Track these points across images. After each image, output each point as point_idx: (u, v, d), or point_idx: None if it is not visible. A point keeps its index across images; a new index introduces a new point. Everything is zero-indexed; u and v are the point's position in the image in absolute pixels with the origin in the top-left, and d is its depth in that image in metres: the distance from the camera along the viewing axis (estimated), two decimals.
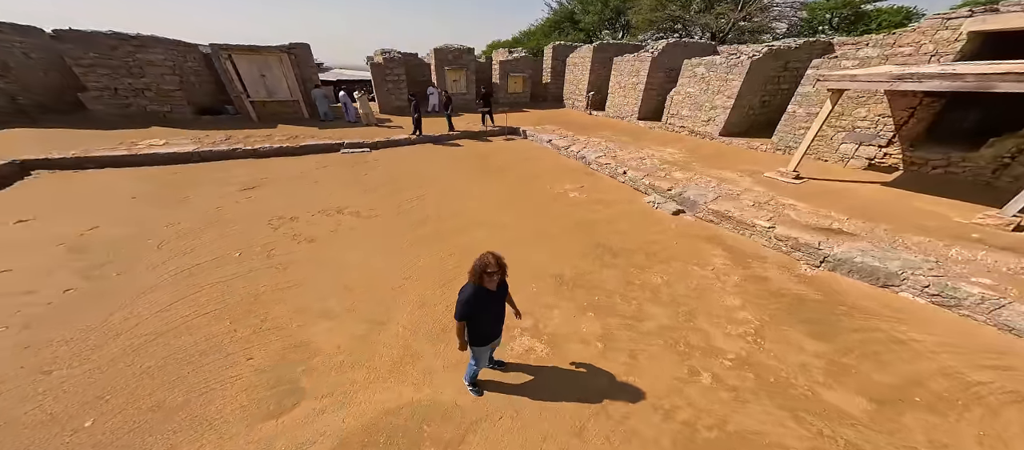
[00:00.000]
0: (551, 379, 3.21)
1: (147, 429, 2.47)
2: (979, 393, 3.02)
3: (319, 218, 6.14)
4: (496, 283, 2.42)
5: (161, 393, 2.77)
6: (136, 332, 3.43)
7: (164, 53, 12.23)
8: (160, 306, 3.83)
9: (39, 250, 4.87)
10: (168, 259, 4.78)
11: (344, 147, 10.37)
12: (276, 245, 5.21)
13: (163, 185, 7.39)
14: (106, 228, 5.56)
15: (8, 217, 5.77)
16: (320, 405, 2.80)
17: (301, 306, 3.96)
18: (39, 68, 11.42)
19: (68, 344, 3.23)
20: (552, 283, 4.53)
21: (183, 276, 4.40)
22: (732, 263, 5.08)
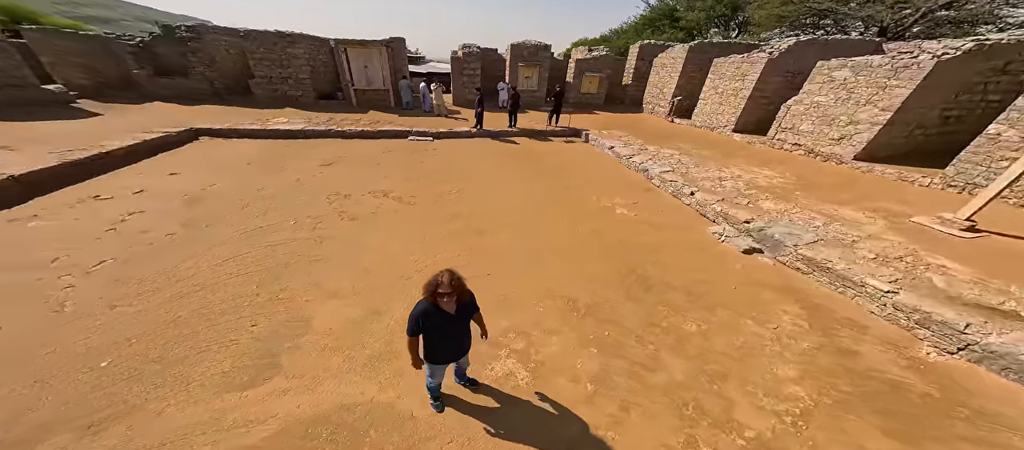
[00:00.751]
0: (520, 414, 2.66)
1: (139, 379, 2.61)
2: None
3: (367, 198, 6.29)
4: (454, 306, 2.06)
5: (171, 346, 2.93)
6: (189, 282, 3.77)
7: (305, 47, 13.87)
8: (217, 261, 4.19)
9: (170, 198, 5.80)
10: (245, 219, 5.28)
11: (411, 135, 10.66)
12: (323, 219, 5.42)
13: (272, 155, 8.37)
14: (220, 186, 6.41)
15: (168, 169, 7.03)
16: (287, 385, 2.68)
17: (319, 281, 3.98)
18: (230, 60, 13.90)
19: (139, 284, 3.68)
20: (562, 306, 3.85)
21: (246, 237, 4.79)
22: (808, 325, 3.74)
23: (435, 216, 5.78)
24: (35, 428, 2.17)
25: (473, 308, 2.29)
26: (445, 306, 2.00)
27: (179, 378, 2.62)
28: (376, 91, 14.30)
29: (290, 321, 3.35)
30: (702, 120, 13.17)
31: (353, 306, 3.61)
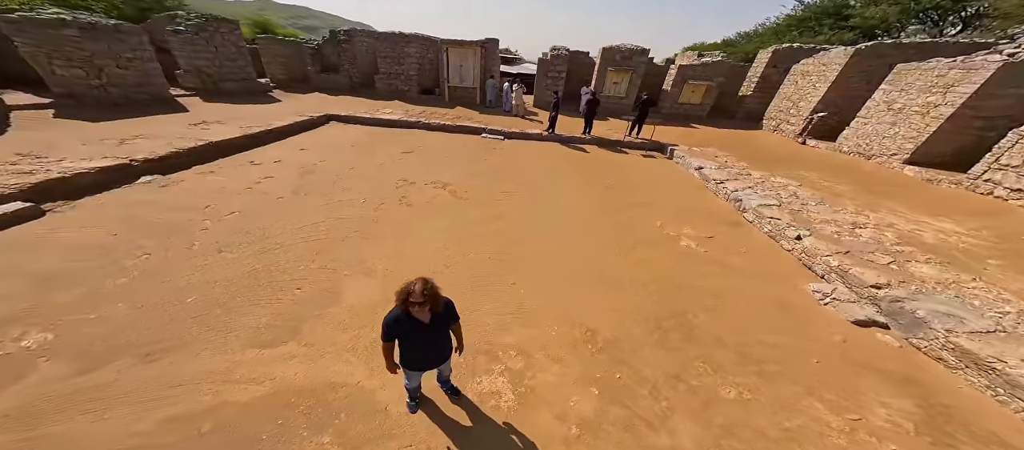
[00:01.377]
0: (490, 437, 2.37)
1: (201, 320, 3.07)
2: None
3: (427, 188, 6.50)
4: (428, 315, 1.91)
5: (237, 295, 3.42)
6: (272, 240, 4.40)
7: (417, 47, 15.18)
8: (297, 225, 4.80)
9: (293, 169, 6.92)
10: (333, 193, 5.97)
11: (485, 132, 10.71)
12: (386, 202, 5.78)
13: (371, 140, 9.39)
14: (327, 163, 7.42)
15: (301, 146, 8.44)
16: (295, 352, 2.86)
17: (362, 258, 4.21)
18: (366, 59, 16.17)
19: (244, 236, 4.43)
20: (578, 334, 3.32)
21: (327, 208, 5.40)
22: (913, 429, 2.54)
23: (480, 215, 5.64)
24: (113, 348, 2.72)
25: (451, 317, 2.11)
26: (418, 315, 1.85)
27: (226, 326, 3.02)
28: (466, 89, 14.87)
29: (325, 291, 3.60)
30: (854, 144, 9.74)
31: (378, 288, 3.72)
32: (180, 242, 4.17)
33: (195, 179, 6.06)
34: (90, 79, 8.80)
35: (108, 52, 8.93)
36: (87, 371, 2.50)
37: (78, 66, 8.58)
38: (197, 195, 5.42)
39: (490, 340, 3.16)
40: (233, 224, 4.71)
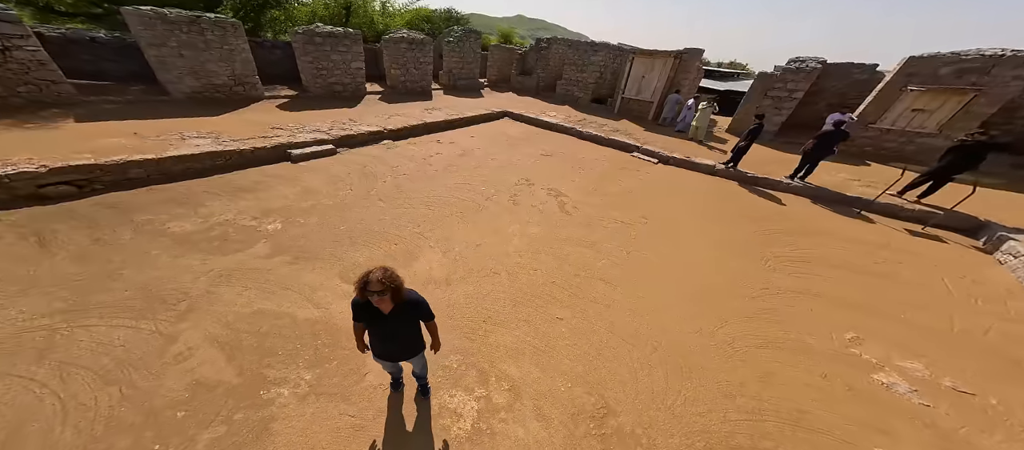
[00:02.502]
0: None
1: (333, 246, 4.50)
2: None
3: (541, 193, 6.62)
4: (388, 305, 1.92)
5: (361, 236, 4.74)
6: (408, 200, 5.76)
7: (603, 56, 15.36)
8: (429, 195, 6.04)
9: (455, 149, 8.65)
10: (467, 175, 7.06)
11: (638, 151, 9.57)
12: (497, 195, 6.33)
13: (526, 137, 10.41)
14: (480, 151, 8.81)
15: (472, 134, 10.39)
16: (344, 291, 3.65)
17: (448, 237, 4.87)
18: (556, 65, 17.88)
19: (397, 191, 6.04)
20: (587, 405, 2.75)
21: (456, 186, 6.48)
22: None
23: (575, 236, 5.28)
24: (289, 247, 4.34)
25: (421, 313, 2.13)
26: (378, 304, 1.88)
27: (338, 256, 4.25)
28: (639, 102, 13.71)
29: (407, 253, 4.44)
30: None
31: (438, 267, 4.22)
32: (367, 187, 6.12)
33: (405, 146, 8.57)
34: (402, 77, 13.82)
35: (415, 59, 13.71)
36: (269, 256, 4.16)
37: (399, 68, 13.61)
38: (397, 158, 7.69)
39: (494, 361, 3.05)
40: (396, 182, 6.45)
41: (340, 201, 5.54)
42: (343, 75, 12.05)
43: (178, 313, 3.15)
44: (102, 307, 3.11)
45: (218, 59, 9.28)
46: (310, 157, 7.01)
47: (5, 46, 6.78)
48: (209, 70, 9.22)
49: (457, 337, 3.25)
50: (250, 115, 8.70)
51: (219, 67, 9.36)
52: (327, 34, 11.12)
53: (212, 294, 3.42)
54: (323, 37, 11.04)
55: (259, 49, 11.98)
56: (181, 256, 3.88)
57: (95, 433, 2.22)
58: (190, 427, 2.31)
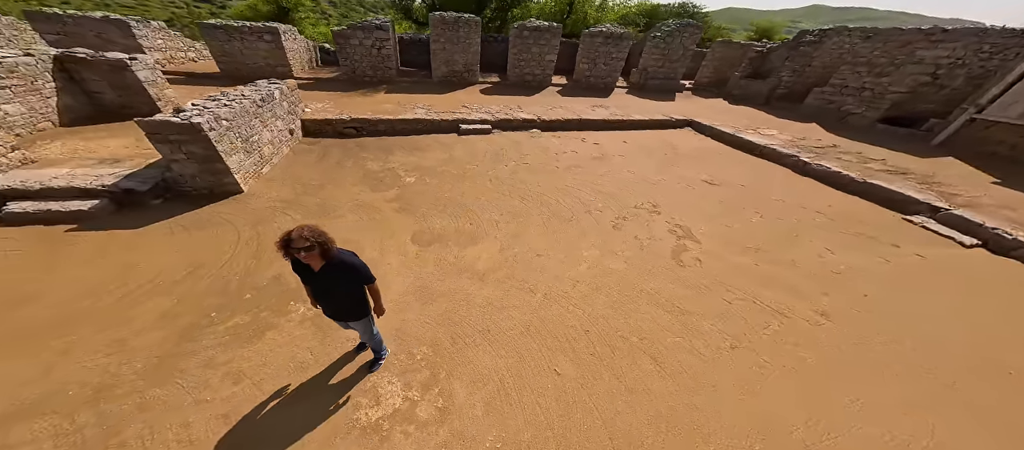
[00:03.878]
0: (305, 418, 2.44)
1: (439, 207, 5.20)
2: None
3: (661, 227, 5.14)
4: (318, 262, 1.91)
5: (462, 206, 5.28)
6: (518, 190, 5.88)
7: (945, 50, 9.78)
8: (538, 190, 5.91)
9: (593, 153, 7.99)
10: (597, 180, 6.38)
11: (929, 215, 5.29)
12: (605, 211, 5.41)
13: (700, 155, 8.26)
14: (622, 160, 7.75)
15: (625, 139, 9.24)
16: (408, 255, 4.17)
17: (519, 234, 4.62)
18: (818, 68, 12.93)
19: (511, 176, 6.31)
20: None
21: (567, 190, 6.02)
22: None
23: (666, 294, 3.77)
24: (410, 204, 5.35)
25: (356, 277, 2.09)
26: (306, 260, 1.85)
27: (423, 217, 4.87)
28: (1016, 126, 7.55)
29: (470, 235, 4.55)
30: None
31: (488, 261, 4.11)
32: (490, 167, 6.72)
33: (547, 138, 8.76)
34: (587, 71, 14.01)
35: (606, 54, 13.56)
36: (391, 200, 5.32)
37: (587, 62, 13.89)
38: (534, 147, 7.98)
39: (452, 374, 2.75)
40: (514, 169, 6.67)
41: (462, 172, 6.37)
42: (536, 66, 13.33)
43: (314, 219, 4.70)
44: (336, 182, 5.10)
45: (460, 51, 12.37)
46: (471, 133, 8.37)
47: (379, 45, 11.77)
48: (454, 60, 12.50)
49: (444, 332, 3.13)
50: (459, 95, 11.25)
51: (459, 57, 12.49)
52: (533, 28, 12.49)
53: (339, 215, 4.84)
54: (529, 31, 12.49)
55: (486, 43, 14.92)
56: (356, 185, 5.69)
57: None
58: (219, 319, 3.46)
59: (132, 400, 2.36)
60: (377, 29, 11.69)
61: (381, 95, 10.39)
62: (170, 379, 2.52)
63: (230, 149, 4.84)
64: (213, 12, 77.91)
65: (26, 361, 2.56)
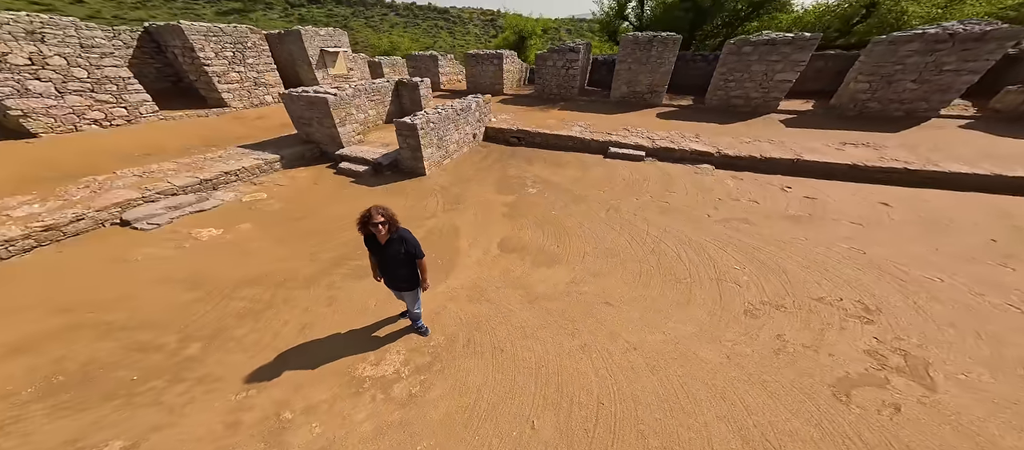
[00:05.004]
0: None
1: (541, 225, 5.29)
2: None
3: (893, 354, 2.95)
4: (385, 235, 2.40)
5: (567, 234, 5.17)
6: (632, 233, 5.13)
7: None
8: (677, 236, 4.92)
9: (786, 205, 5.58)
10: (786, 247, 4.64)
11: None
12: (786, 300, 3.79)
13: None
14: (879, 245, 4.91)
15: (877, 200, 5.66)
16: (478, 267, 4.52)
17: (615, 307, 4.05)
18: None
19: (635, 211, 5.48)
20: None
21: (724, 244, 4.65)
22: None
23: (796, 432, 2.28)
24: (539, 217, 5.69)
25: (410, 250, 2.52)
26: (376, 233, 2.34)
27: (531, 227, 5.07)
28: None
29: (545, 264, 4.41)
30: None
31: (562, 284, 3.89)
32: (617, 196, 6.14)
33: (725, 177, 6.92)
34: (866, 93, 9.47)
35: (927, 66, 8.57)
36: (507, 204, 5.84)
37: (872, 80, 9.28)
38: (693, 185, 6.53)
39: (443, 371, 2.94)
40: (644, 207, 5.75)
41: (582, 195, 6.14)
42: (753, 88, 10.35)
43: (449, 204, 5.89)
44: (479, 180, 6.55)
45: (647, 71, 11.56)
46: (620, 157, 7.76)
47: (567, 66, 13.07)
48: (637, 80, 11.85)
49: (465, 333, 3.31)
50: (629, 117, 10.55)
51: (643, 77, 11.70)
52: (763, 43, 9.75)
53: (464, 207, 5.84)
54: (754, 46, 9.83)
55: (685, 62, 13.29)
56: (490, 186, 6.68)
57: None
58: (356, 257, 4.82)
59: (296, 286, 4.02)
60: (569, 51, 12.74)
61: (554, 111, 11.28)
62: (313, 283, 4.03)
63: (427, 143, 6.90)
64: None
65: (293, 248, 4.87)
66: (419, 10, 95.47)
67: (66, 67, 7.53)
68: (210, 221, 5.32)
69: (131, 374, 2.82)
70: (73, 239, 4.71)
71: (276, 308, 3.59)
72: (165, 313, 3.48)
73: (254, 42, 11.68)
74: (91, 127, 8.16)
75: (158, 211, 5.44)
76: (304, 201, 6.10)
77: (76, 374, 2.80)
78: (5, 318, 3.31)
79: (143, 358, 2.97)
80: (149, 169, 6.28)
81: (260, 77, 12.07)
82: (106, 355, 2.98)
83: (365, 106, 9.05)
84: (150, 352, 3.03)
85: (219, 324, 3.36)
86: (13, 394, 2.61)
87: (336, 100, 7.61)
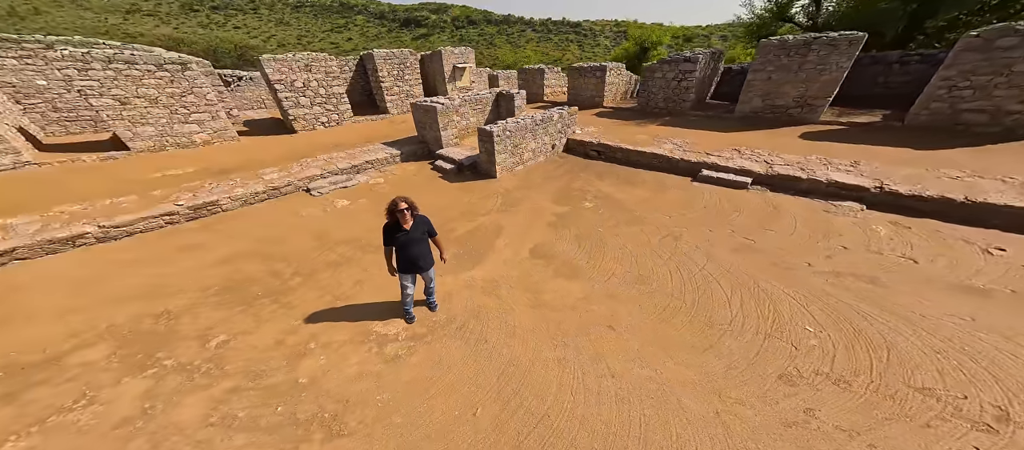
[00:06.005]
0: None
1: (594, 248, 5.14)
2: None
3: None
4: (410, 220, 2.92)
5: (621, 273, 4.91)
6: (700, 280, 4.47)
7: None
8: (762, 286, 4.13)
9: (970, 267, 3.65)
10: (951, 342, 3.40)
11: None
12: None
13: None
14: None
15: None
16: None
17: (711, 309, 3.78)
18: None
19: (707, 250, 4.71)
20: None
21: (827, 305, 3.67)
22: None
23: None
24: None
25: (429, 230, 3.14)
26: (402, 219, 2.85)
27: (595, 255, 5.00)
28: None
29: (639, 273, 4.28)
30: None
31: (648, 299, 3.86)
32: (697, 227, 5.31)
33: (874, 220, 5.15)
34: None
35: None
36: (556, 218, 5.80)
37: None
38: (802, 222, 5.07)
39: (431, 344, 3.39)
40: (710, 242, 4.81)
41: (641, 218, 5.65)
42: (1012, 98, 6.87)
43: (505, 206, 6.31)
44: (543, 189, 6.97)
45: (798, 81, 9.21)
46: (711, 181, 6.64)
47: (680, 77, 11.71)
48: (780, 91, 9.58)
49: (462, 319, 3.67)
50: (751, 136, 8.69)
51: (790, 88, 9.37)
52: None
53: (517, 211, 6.16)
54: (1022, 37, 6.47)
55: (862, 66, 10.05)
56: (549, 195, 6.81)
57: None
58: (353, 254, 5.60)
59: (369, 250, 5.17)
60: (684, 61, 11.28)
61: (652, 126, 10.26)
62: (378, 250, 5.12)
63: (501, 150, 7.57)
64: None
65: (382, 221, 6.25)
66: (553, 25, 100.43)
67: (316, 87, 11.61)
68: (346, 195, 7.30)
69: (258, 291, 4.32)
70: (282, 197, 7.28)
71: (350, 264, 4.80)
72: (296, 253, 5.12)
73: (411, 62, 14.88)
74: (320, 127, 12.20)
75: (324, 185, 7.80)
76: (404, 187, 7.65)
77: (238, 282, 4.50)
78: (226, 241, 5.54)
79: (270, 281, 4.50)
80: (331, 155, 9.02)
81: (411, 89, 15.29)
82: (256, 274, 4.66)
83: (467, 114, 10.46)
84: (275, 278, 4.56)
85: (315, 268, 4.74)
86: (208, 288, 4.40)
87: (443, 108, 9.13)
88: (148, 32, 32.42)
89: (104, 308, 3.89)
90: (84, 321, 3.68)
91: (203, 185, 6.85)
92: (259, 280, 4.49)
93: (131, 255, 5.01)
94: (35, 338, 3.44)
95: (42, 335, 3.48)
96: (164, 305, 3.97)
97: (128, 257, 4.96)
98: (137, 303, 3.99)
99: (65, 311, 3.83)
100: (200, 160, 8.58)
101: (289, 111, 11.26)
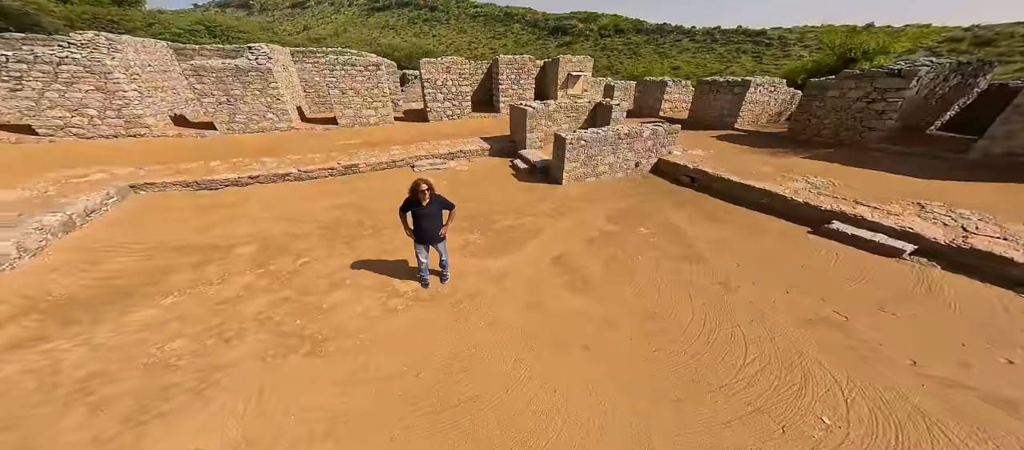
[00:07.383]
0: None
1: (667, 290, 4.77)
2: None
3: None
4: (427, 198, 3.52)
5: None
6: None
7: None
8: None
9: None
10: None
11: None
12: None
13: None
14: None
15: None
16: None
17: None
18: None
19: None
20: None
21: None
22: None
23: None
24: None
25: (444, 205, 3.72)
26: (421, 198, 3.47)
27: (614, 280, 4.71)
28: None
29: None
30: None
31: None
32: (773, 287, 4.18)
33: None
34: None
35: None
36: (601, 231, 5.39)
37: None
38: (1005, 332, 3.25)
39: (426, 307, 3.89)
40: (801, 330, 3.61)
41: (696, 255, 4.81)
42: None
43: (556, 213, 6.26)
44: (603, 205, 6.84)
45: None
46: (844, 239, 5.06)
47: (872, 98, 8.79)
48: None
49: (460, 294, 4.03)
50: (966, 189, 6.01)
51: None
52: None
53: (563, 219, 6.04)
54: None
55: None
56: (607, 214, 6.40)
57: None
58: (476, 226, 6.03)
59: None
60: (885, 76, 8.20)
61: (789, 158, 8.12)
62: None
63: (572, 159, 7.52)
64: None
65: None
66: (721, 34, 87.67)
67: (450, 86, 14.09)
68: (435, 176, 8.62)
69: (344, 233, 5.68)
70: (396, 168, 9.15)
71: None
72: (379, 211, 6.45)
73: (528, 68, 15.98)
74: (445, 119, 14.68)
75: (425, 164, 9.43)
76: (480, 177, 8.49)
77: (338, 222, 6.02)
78: (348, 193, 7.38)
79: (354, 228, 5.84)
80: (439, 142, 10.79)
81: (523, 92, 16.44)
82: (349, 221, 6.12)
83: (561, 121, 10.65)
84: (359, 226, 5.89)
85: (385, 225, 5.89)
86: (321, 223, 6.09)
87: (533, 112, 9.62)
88: (385, 42, 50.40)
89: (270, 223, 5.90)
90: (257, 230, 5.67)
91: (358, 152, 9.33)
92: (348, 226, 5.92)
93: (302, 192, 7.34)
94: (228, 233, 5.55)
95: (232, 233, 5.57)
96: (298, 228, 5.73)
97: (300, 193, 7.28)
98: (286, 224, 5.88)
99: (256, 219, 6.01)
100: (366, 135, 11.55)
101: (428, 103, 13.85)
